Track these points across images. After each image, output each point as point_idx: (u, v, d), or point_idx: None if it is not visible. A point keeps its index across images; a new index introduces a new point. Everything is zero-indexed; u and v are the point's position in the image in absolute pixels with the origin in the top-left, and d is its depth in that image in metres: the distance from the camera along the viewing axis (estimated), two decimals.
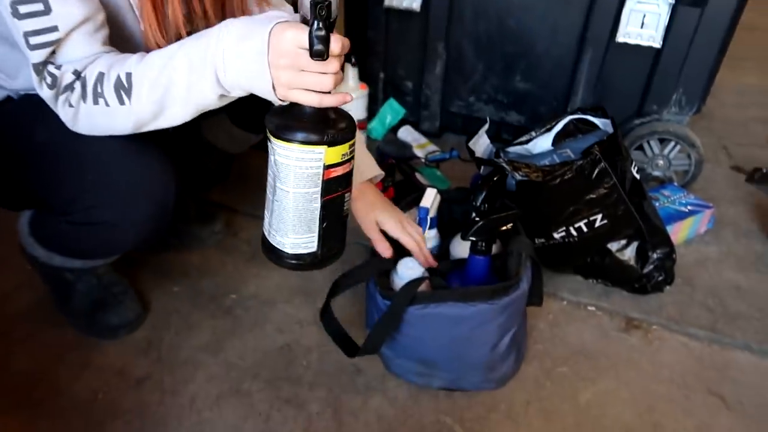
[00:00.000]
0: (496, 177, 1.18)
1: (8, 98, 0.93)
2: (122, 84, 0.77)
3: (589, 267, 1.25)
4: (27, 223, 1.08)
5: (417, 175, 1.53)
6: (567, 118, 1.28)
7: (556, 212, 1.16)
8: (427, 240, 1.14)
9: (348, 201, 0.82)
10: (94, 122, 0.82)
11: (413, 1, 1.62)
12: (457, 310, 0.94)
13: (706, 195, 1.51)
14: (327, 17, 0.66)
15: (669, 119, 1.51)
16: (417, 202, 1.16)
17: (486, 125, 1.29)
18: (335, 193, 0.79)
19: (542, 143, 1.30)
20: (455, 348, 0.99)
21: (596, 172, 1.11)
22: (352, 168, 0.79)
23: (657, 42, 1.42)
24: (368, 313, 1.09)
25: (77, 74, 0.78)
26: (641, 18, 1.41)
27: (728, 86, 2.13)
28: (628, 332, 1.18)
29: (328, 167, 0.75)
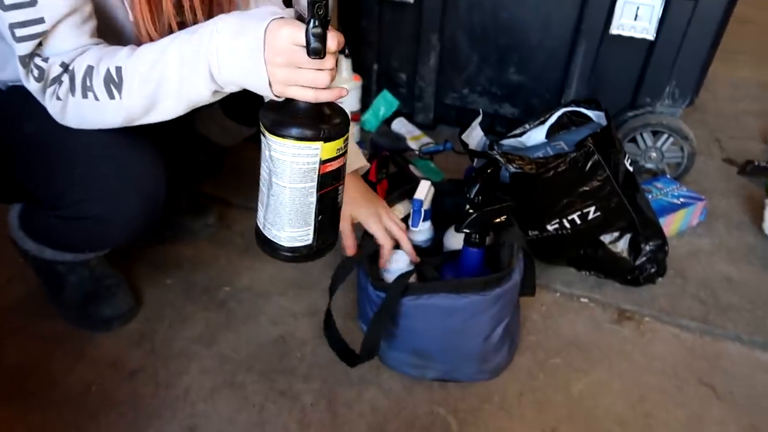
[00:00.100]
0: (490, 169, 1.18)
1: None
2: (112, 78, 0.76)
3: (582, 259, 1.25)
4: (17, 217, 1.07)
5: (411, 167, 1.53)
6: (561, 111, 1.29)
7: (550, 204, 1.16)
8: (421, 232, 1.15)
9: (341, 193, 0.83)
10: (83, 116, 0.81)
11: None
12: (450, 301, 0.95)
13: (699, 187, 1.52)
14: (324, 15, 0.67)
15: (662, 112, 1.51)
16: (408, 195, 1.16)
17: (480, 117, 1.29)
18: (330, 187, 0.79)
19: (536, 136, 1.30)
20: (448, 339, 0.99)
21: (590, 165, 1.11)
22: (346, 161, 0.80)
23: (651, 34, 1.42)
24: (360, 305, 1.09)
25: (65, 67, 0.77)
26: (635, 10, 1.41)
27: (721, 79, 2.13)
28: (621, 324, 1.18)
29: (324, 162, 0.75)
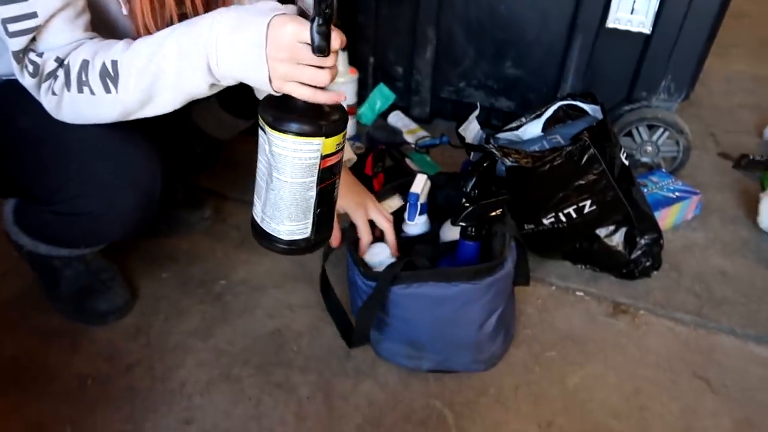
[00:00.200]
0: (486, 163, 1.18)
1: None
2: (108, 72, 0.76)
3: (578, 253, 1.26)
4: (11, 212, 1.06)
5: (407, 161, 1.53)
6: (557, 104, 1.28)
7: (546, 198, 1.17)
8: (416, 226, 1.15)
9: (338, 187, 0.83)
10: (79, 110, 0.80)
11: None
12: (440, 290, 0.95)
13: (694, 181, 1.52)
14: (330, 14, 0.67)
15: (658, 106, 1.52)
16: (399, 189, 1.17)
17: (476, 111, 1.29)
18: (329, 181, 0.80)
19: (532, 129, 1.30)
20: (441, 328, 1.00)
21: (585, 158, 1.11)
22: (343, 155, 0.80)
23: (647, 28, 1.42)
24: (352, 300, 1.09)
25: (60, 62, 0.77)
26: (631, 4, 1.41)
27: (716, 73, 2.14)
28: (616, 317, 1.19)
29: (325, 157, 0.76)
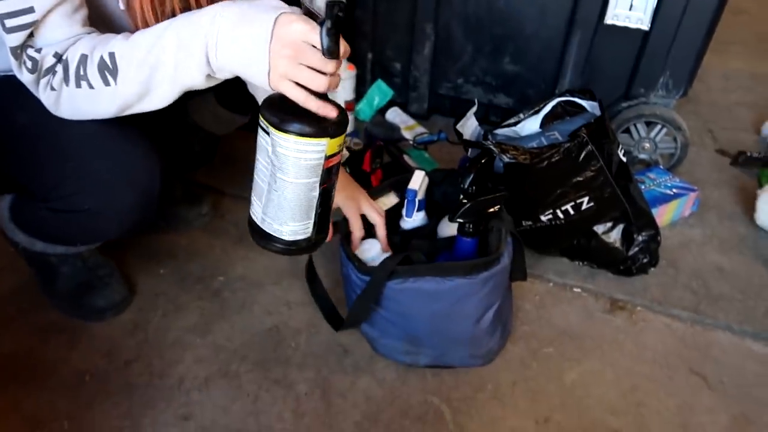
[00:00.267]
0: (484, 159, 1.18)
1: None
2: (106, 65, 0.75)
3: (576, 249, 1.26)
4: (7, 208, 1.06)
5: (405, 157, 1.53)
6: (555, 101, 1.29)
7: (544, 195, 1.17)
8: (414, 222, 1.15)
9: (336, 186, 0.84)
10: (77, 105, 0.80)
11: None
12: (435, 285, 0.95)
13: (691, 178, 1.52)
14: (342, 18, 0.68)
15: (656, 102, 1.52)
16: (394, 187, 1.17)
17: (474, 107, 1.29)
18: (330, 181, 0.81)
19: (530, 126, 1.30)
20: (437, 323, 1.00)
21: (583, 155, 1.11)
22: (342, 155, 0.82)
23: (645, 24, 1.42)
24: (347, 295, 1.09)
25: (58, 57, 0.77)
26: (630, 0, 1.41)
27: (714, 70, 2.14)
28: (613, 313, 1.19)
29: (328, 157, 0.77)
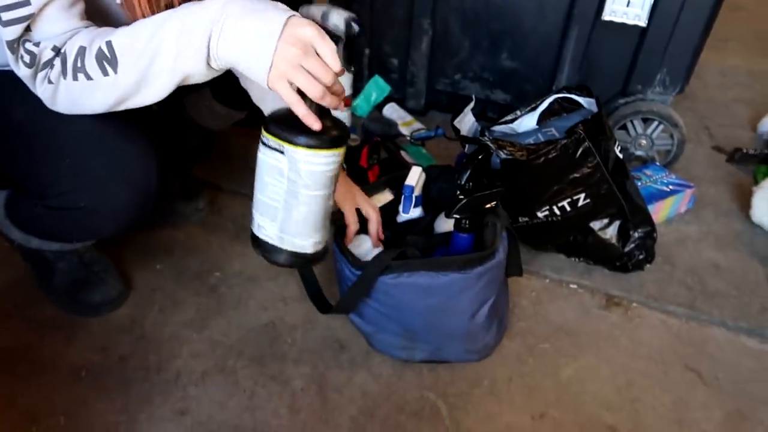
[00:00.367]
0: (481, 155, 1.18)
1: None
2: (104, 54, 0.75)
3: (572, 245, 1.26)
4: (2, 205, 1.05)
5: (402, 153, 1.53)
6: (552, 97, 1.29)
7: (540, 191, 1.17)
8: (411, 218, 1.15)
9: None
10: (74, 99, 0.79)
11: None
12: (429, 280, 0.95)
13: (688, 175, 1.53)
14: (360, 36, 0.72)
15: (653, 99, 1.52)
16: (389, 184, 1.17)
17: (471, 103, 1.29)
18: (335, 186, 0.84)
19: (527, 122, 1.30)
20: (432, 317, 1.00)
21: (580, 152, 1.11)
22: None
23: (643, 20, 1.41)
24: (341, 293, 1.09)
25: (57, 51, 0.76)
26: None
27: (712, 67, 2.14)
28: (609, 309, 1.20)
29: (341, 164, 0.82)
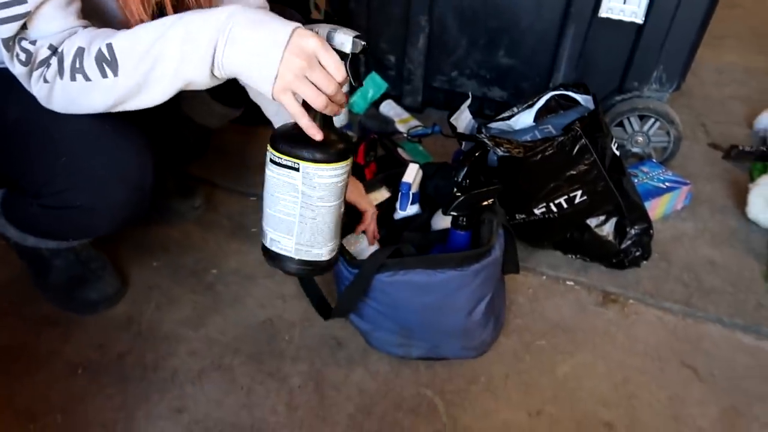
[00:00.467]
0: (478, 152, 1.18)
1: None
2: (104, 57, 0.74)
3: (569, 242, 1.26)
4: None
5: (399, 150, 1.53)
6: (549, 94, 1.29)
7: (537, 188, 1.17)
8: (408, 215, 1.15)
9: None
10: (71, 99, 0.79)
11: None
12: (426, 277, 0.95)
13: (684, 172, 1.53)
14: (366, 51, 0.77)
15: (649, 96, 1.52)
16: (385, 182, 1.17)
17: (468, 101, 1.29)
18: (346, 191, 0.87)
19: (524, 119, 1.30)
20: (429, 315, 1.00)
21: (577, 149, 1.11)
22: None
23: (639, 18, 1.42)
24: (338, 290, 1.09)
25: (53, 49, 0.76)
26: None
27: (708, 64, 2.14)
28: (606, 306, 1.20)
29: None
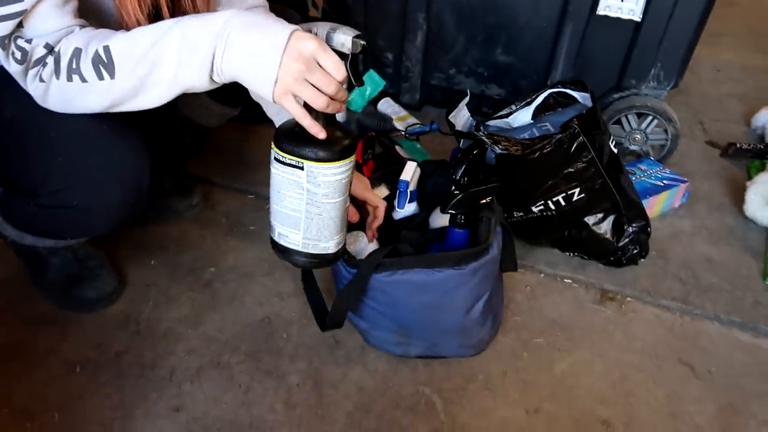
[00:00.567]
0: (476, 150, 1.18)
1: None
2: (101, 59, 0.74)
3: (566, 240, 1.26)
4: None
5: (397, 148, 1.53)
6: (547, 92, 1.29)
7: (535, 186, 1.17)
8: (406, 213, 1.15)
9: None
10: (67, 99, 0.79)
11: None
12: (424, 277, 0.95)
13: (682, 169, 1.53)
14: (366, 52, 0.77)
15: (647, 94, 1.52)
16: (384, 179, 1.17)
17: (466, 98, 1.29)
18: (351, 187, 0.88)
19: (522, 117, 1.30)
20: (427, 314, 1.00)
21: (575, 146, 1.11)
22: None
23: (637, 15, 1.42)
24: (337, 290, 1.09)
25: (50, 48, 0.75)
26: None
27: (706, 62, 2.14)
28: (603, 304, 1.20)
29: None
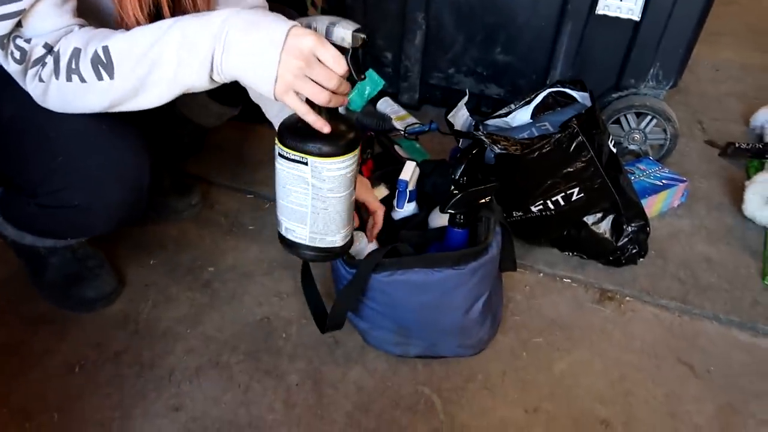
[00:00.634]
0: (475, 150, 1.18)
1: None
2: (100, 59, 0.74)
3: (566, 240, 1.27)
4: None
5: (396, 148, 1.53)
6: (546, 91, 1.29)
7: (534, 185, 1.17)
8: (405, 213, 1.15)
9: None
10: (66, 99, 0.78)
11: None
12: (423, 277, 0.95)
13: (681, 169, 1.53)
14: (366, 45, 0.75)
15: (646, 93, 1.52)
16: (384, 179, 1.17)
17: (466, 98, 1.29)
18: (356, 180, 0.87)
19: (521, 116, 1.30)
20: (426, 314, 1.00)
21: (574, 146, 1.11)
22: None
23: (636, 15, 1.42)
24: (336, 290, 1.09)
25: (49, 48, 0.75)
26: None
27: (704, 61, 2.14)
28: (602, 303, 1.20)
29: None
